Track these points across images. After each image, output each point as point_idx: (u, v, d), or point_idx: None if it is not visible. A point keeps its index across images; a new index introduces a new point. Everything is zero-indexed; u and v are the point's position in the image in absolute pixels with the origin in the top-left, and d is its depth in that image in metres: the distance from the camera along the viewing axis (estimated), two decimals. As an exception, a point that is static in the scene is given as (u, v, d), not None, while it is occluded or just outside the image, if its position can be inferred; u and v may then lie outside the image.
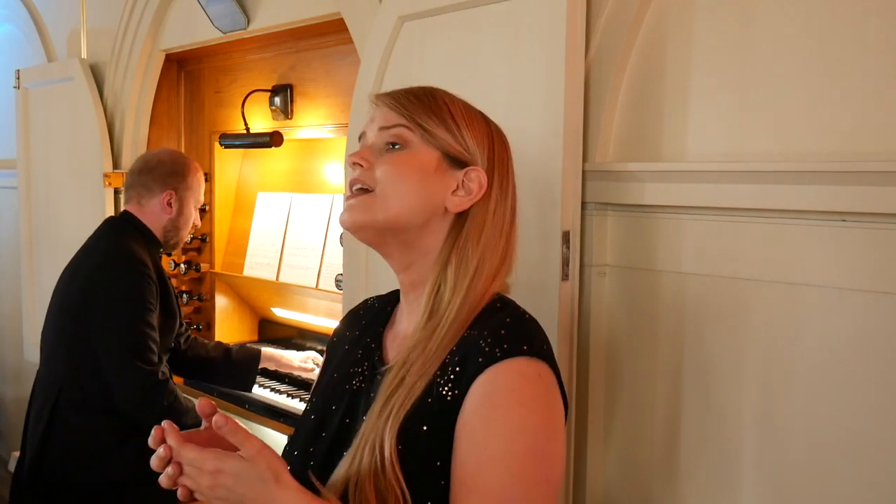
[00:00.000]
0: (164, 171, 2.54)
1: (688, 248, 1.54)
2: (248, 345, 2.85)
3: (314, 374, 2.72)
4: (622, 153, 1.66)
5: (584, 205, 1.65)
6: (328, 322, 2.81)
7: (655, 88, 1.61)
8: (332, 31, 2.59)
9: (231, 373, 2.71)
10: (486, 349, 1.11)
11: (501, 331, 1.13)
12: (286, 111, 2.90)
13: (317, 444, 1.24)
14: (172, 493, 2.64)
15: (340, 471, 1.13)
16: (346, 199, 1.23)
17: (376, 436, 1.10)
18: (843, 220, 1.32)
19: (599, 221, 1.67)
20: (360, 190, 1.22)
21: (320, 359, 2.78)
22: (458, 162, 1.22)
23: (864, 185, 1.27)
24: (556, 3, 1.61)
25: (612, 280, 1.67)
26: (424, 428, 1.11)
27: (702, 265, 1.52)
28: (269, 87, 2.93)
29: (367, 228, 1.22)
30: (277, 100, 2.90)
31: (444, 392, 1.11)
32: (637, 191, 1.59)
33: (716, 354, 1.51)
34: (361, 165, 1.22)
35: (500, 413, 1.08)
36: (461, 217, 1.22)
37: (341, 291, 2.21)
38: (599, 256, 1.67)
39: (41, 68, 3.66)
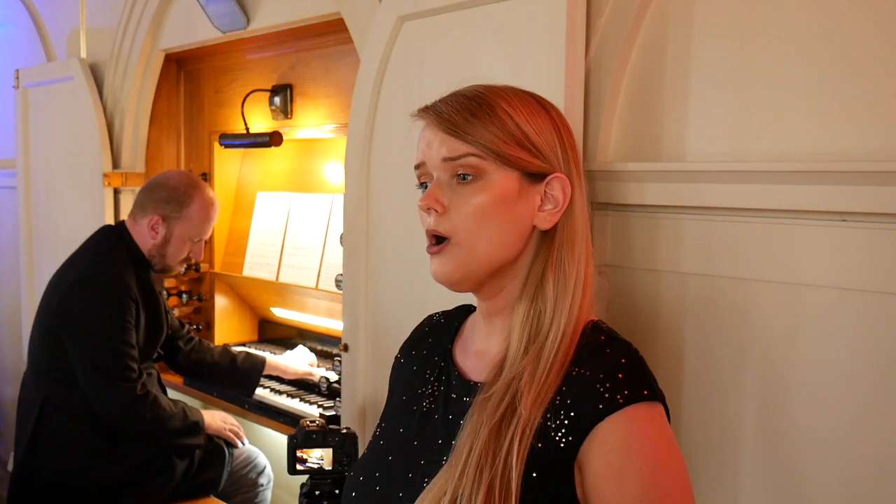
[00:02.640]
0: (162, 196, 2.50)
1: (688, 248, 1.54)
2: (253, 352, 2.84)
3: (316, 378, 2.73)
4: (622, 153, 1.66)
5: (584, 204, 1.65)
6: (328, 322, 2.81)
7: (655, 88, 1.61)
8: (331, 31, 2.59)
9: (234, 380, 2.72)
10: (606, 395, 1.04)
11: (619, 374, 1.05)
12: (286, 111, 2.90)
13: (383, 468, 1.18)
14: (162, 496, 2.65)
15: (434, 493, 1.06)
16: (429, 249, 1.14)
17: (498, 474, 1.02)
18: (843, 220, 1.32)
19: (599, 221, 1.67)
20: (439, 238, 1.13)
21: (315, 361, 2.80)
22: (537, 175, 1.12)
23: (864, 185, 1.27)
24: (556, 3, 1.61)
25: (612, 280, 1.67)
26: (535, 475, 1.03)
27: (702, 265, 1.52)
28: (269, 87, 2.93)
29: (464, 281, 1.13)
30: (277, 100, 2.90)
31: (556, 437, 1.05)
32: (637, 191, 1.59)
33: (716, 354, 1.51)
34: (436, 210, 1.12)
35: (644, 461, 1.03)
36: (548, 229, 1.14)
37: (341, 291, 2.21)
38: (599, 256, 1.67)
39: (41, 68, 3.66)
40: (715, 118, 1.53)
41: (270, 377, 2.79)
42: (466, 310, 1.30)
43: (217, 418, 2.59)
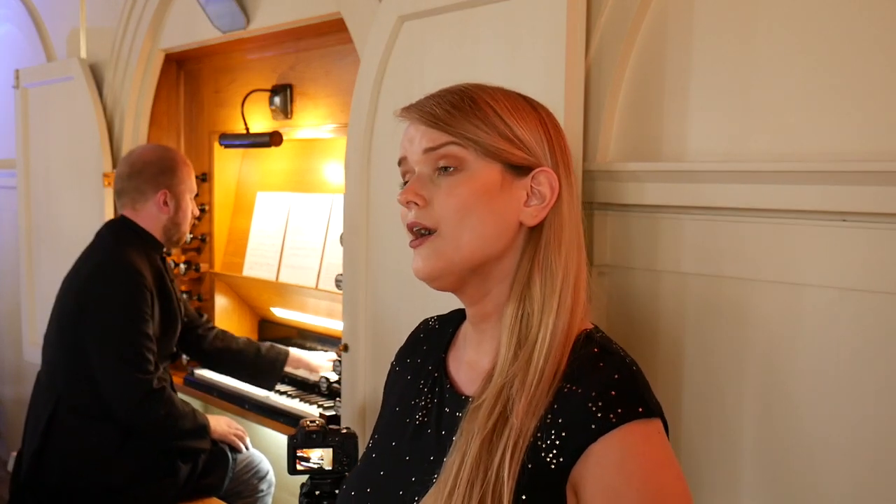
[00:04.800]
0: (154, 171, 2.53)
1: (688, 248, 1.54)
2: (277, 344, 2.85)
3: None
4: (622, 153, 1.66)
5: (584, 205, 1.65)
6: (328, 322, 2.81)
7: (655, 88, 1.61)
8: (331, 31, 2.59)
9: (258, 370, 2.73)
10: (599, 414, 1.00)
11: (612, 391, 1.01)
12: (286, 111, 2.89)
13: (374, 484, 1.15)
14: (165, 498, 2.65)
15: None
16: (411, 244, 1.11)
17: (490, 489, 0.99)
18: (844, 220, 1.32)
19: (599, 221, 1.67)
20: (421, 232, 1.10)
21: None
22: (521, 168, 1.09)
23: (864, 185, 1.27)
24: (556, 3, 1.61)
25: (612, 280, 1.67)
26: (524, 497, 0.99)
27: (702, 265, 1.52)
28: (269, 87, 2.93)
29: (446, 275, 1.09)
30: (277, 100, 2.90)
31: (547, 458, 1.01)
32: (637, 191, 1.59)
33: (716, 354, 1.51)
34: (417, 204, 1.09)
35: (641, 482, 0.99)
36: (535, 227, 1.10)
37: (341, 291, 2.21)
38: (599, 256, 1.67)
39: (40, 68, 3.66)
40: (715, 118, 1.53)
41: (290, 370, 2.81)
42: (461, 315, 1.25)
43: (222, 423, 2.59)
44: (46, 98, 3.54)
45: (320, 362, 2.75)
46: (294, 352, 2.77)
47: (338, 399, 2.41)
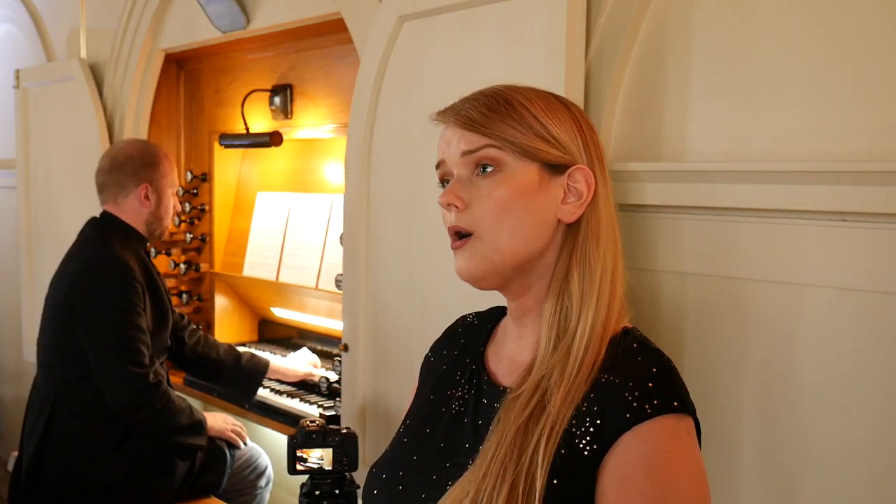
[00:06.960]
0: (135, 166, 2.51)
1: (688, 248, 1.54)
2: (258, 353, 2.81)
3: (316, 378, 2.72)
4: (622, 153, 1.66)
5: (584, 205, 1.65)
6: (328, 322, 2.81)
7: (655, 89, 1.61)
8: (332, 31, 2.59)
9: (237, 380, 2.68)
10: (635, 404, 1.01)
11: (649, 383, 1.03)
12: (286, 111, 2.89)
13: (406, 468, 1.17)
14: (169, 494, 2.64)
15: (456, 493, 1.04)
16: (452, 245, 1.13)
17: (523, 472, 1.00)
18: (844, 220, 1.32)
19: (599, 221, 1.66)
20: (461, 234, 1.12)
21: (318, 363, 2.78)
22: (558, 167, 1.11)
23: (864, 185, 1.27)
24: (556, 3, 1.61)
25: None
26: (555, 482, 1.00)
27: (702, 265, 1.52)
28: (269, 87, 2.93)
29: (490, 276, 1.12)
30: (277, 100, 2.90)
31: (581, 445, 1.02)
32: (637, 191, 1.59)
33: (716, 355, 1.51)
34: (457, 206, 1.11)
35: (658, 477, 1.00)
36: (573, 223, 1.13)
37: (341, 291, 2.21)
38: (599, 256, 1.67)
39: (41, 68, 3.66)
40: (715, 118, 1.53)
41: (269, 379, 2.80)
42: (500, 312, 1.27)
43: (219, 419, 2.58)
44: (46, 98, 3.54)
45: (298, 368, 2.70)
46: (274, 363, 2.70)
47: (338, 399, 2.41)
